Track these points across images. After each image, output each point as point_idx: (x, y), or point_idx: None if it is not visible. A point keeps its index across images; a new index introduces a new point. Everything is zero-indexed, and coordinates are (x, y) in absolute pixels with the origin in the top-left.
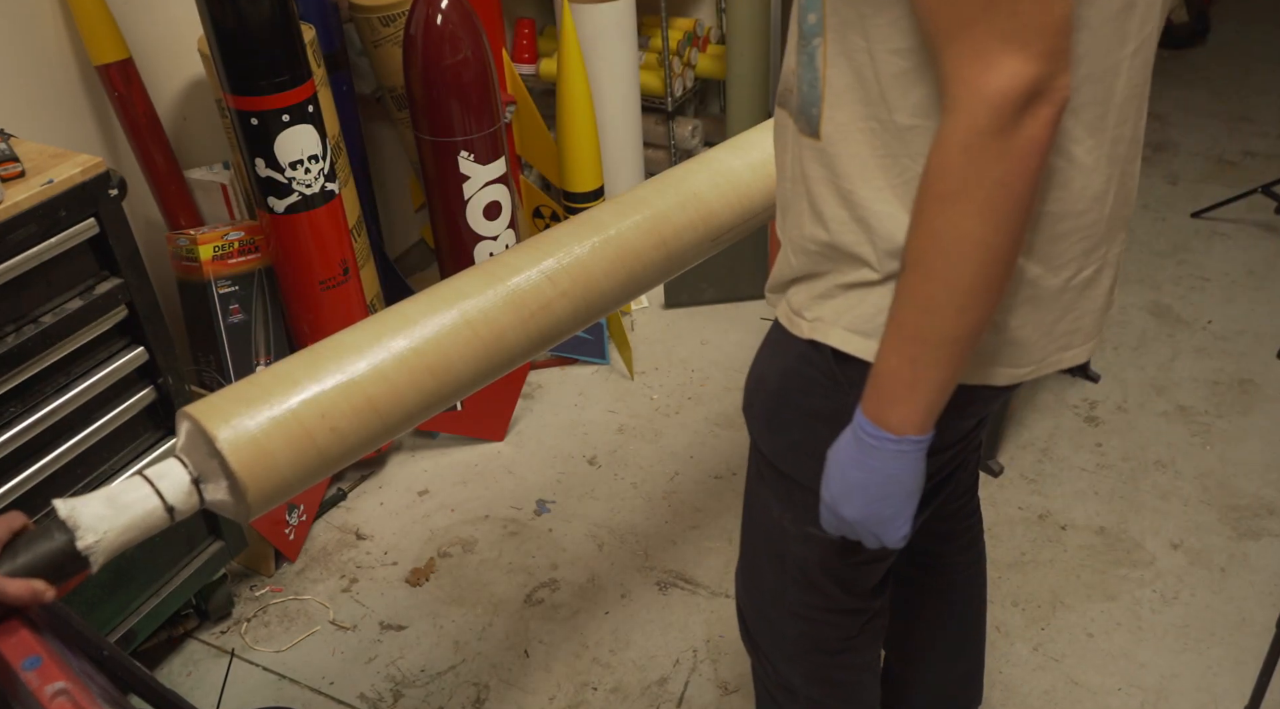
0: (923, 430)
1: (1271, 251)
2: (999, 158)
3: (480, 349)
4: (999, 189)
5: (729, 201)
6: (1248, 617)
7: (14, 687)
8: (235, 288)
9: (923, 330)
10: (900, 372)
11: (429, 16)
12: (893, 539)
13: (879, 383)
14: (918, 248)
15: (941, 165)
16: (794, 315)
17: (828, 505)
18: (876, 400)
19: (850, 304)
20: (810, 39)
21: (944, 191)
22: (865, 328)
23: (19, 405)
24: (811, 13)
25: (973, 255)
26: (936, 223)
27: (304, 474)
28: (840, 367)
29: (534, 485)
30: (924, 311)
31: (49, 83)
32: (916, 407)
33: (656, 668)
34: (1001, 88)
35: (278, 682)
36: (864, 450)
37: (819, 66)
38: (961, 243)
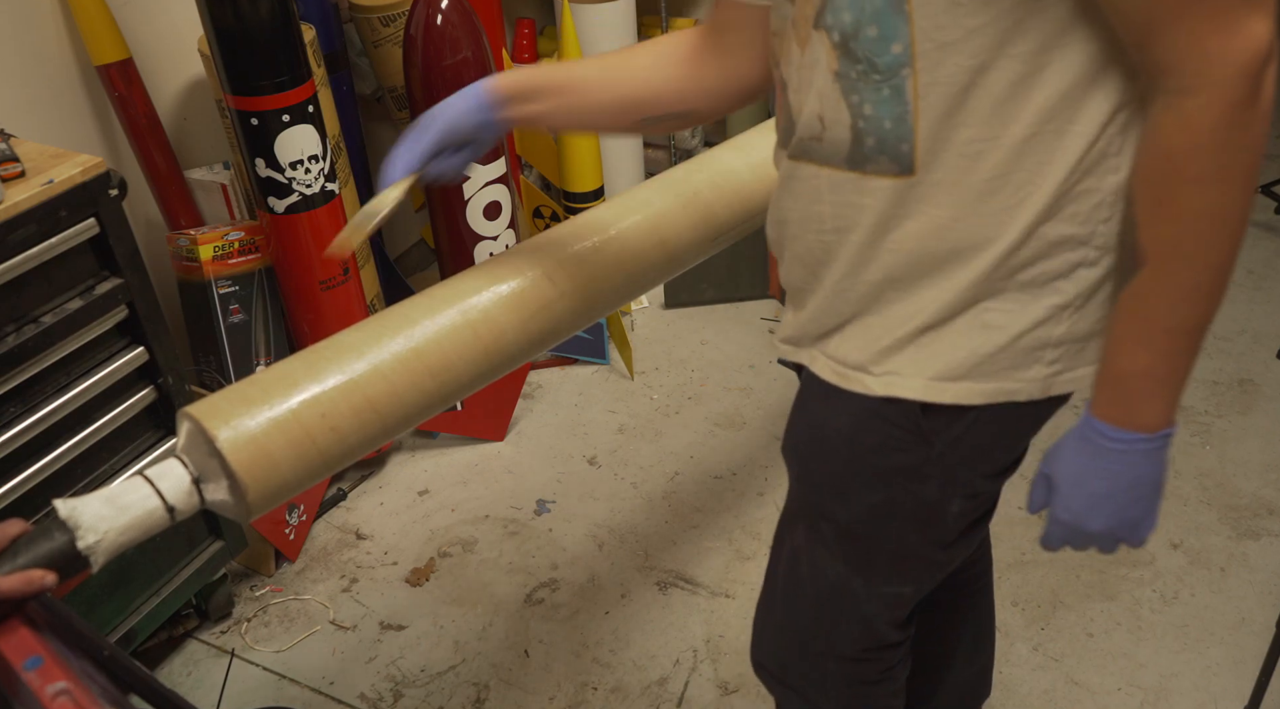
0: (1173, 421)
1: (1271, 251)
2: (1252, 124)
3: (480, 349)
4: (1254, 157)
5: (729, 202)
6: (1247, 616)
7: (15, 687)
8: (235, 288)
9: (1177, 321)
10: (1155, 368)
11: (429, 16)
12: (1141, 539)
13: (1128, 385)
14: (1167, 236)
15: (1192, 144)
16: (851, 370)
17: (1067, 524)
18: (1124, 403)
19: (930, 351)
20: (894, 72)
21: (1199, 172)
22: (957, 371)
23: (19, 405)
24: (895, 42)
25: (1234, 232)
26: (1192, 205)
27: (304, 474)
28: (927, 419)
29: (534, 485)
30: (1180, 301)
31: (49, 83)
32: (1171, 399)
33: (656, 668)
34: (1254, 51)
35: (278, 682)
36: (1108, 457)
37: (909, 99)
38: (1224, 222)
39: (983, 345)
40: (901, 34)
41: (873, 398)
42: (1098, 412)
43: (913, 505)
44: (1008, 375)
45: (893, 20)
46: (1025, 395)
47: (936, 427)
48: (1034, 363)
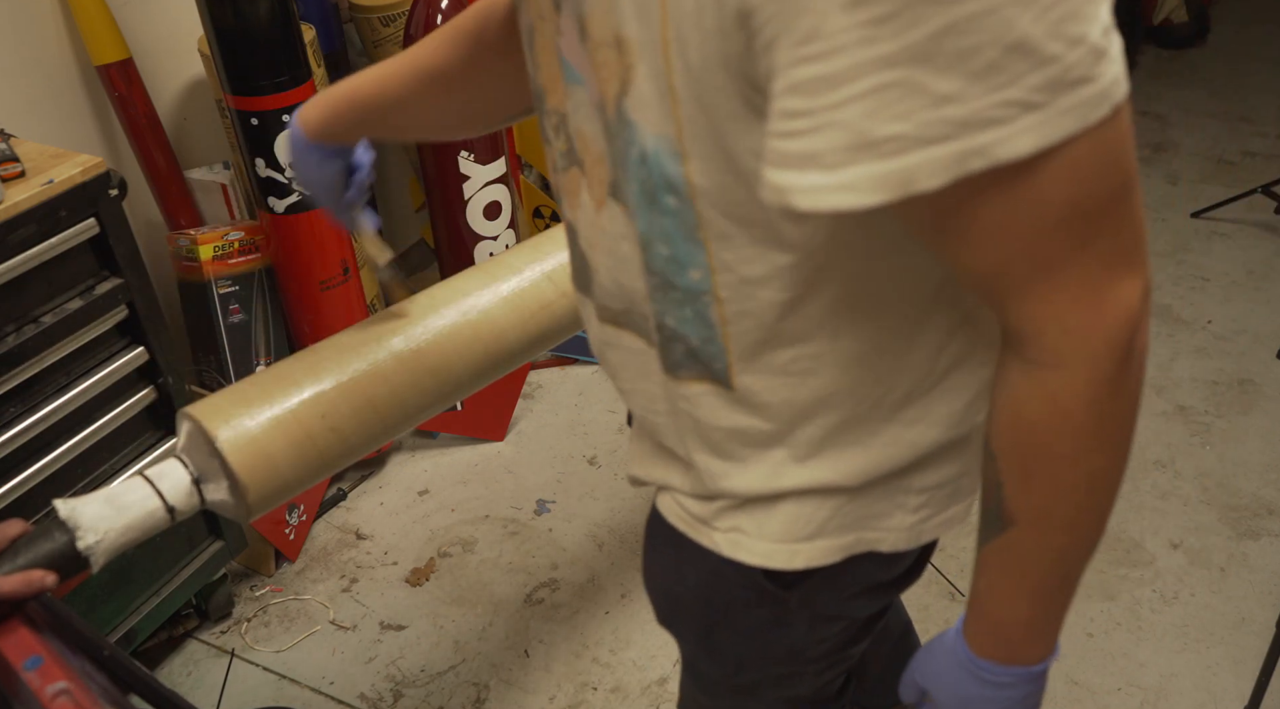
0: (1056, 649)
1: (1271, 251)
2: (1126, 391)
3: (480, 349)
4: (1129, 420)
5: None
6: (1247, 616)
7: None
8: (235, 288)
9: (1059, 576)
10: (1036, 616)
11: (429, 16)
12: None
13: (1008, 633)
14: (1043, 503)
15: (1066, 423)
16: (695, 522)
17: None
18: (1009, 648)
19: (767, 511)
20: (696, 296)
21: (1069, 452)
22: (803, 531)
23: (19, 405)
24: (693, 269)
25: (1110, 491)
26: (1064, 482)
27: (304, 474)
28: (772, 579)
29: (534, 485)
30: (1059, 561)
31: (49, 83)
32: (1053, 635)
33: (656, 668)
34: (1121, 321)
35: (278, 682)
36: (994, 689)
37: (715, 324)
38: (1101, 488)
39: (831, 497)
40: (698, 261)
41: (718, 556)
42: (977, 649)
43: (784, 646)
44: (867, 525)
45: (686, 246)
46: (890, 546)
47: (787, 582)
48: (895, 509)
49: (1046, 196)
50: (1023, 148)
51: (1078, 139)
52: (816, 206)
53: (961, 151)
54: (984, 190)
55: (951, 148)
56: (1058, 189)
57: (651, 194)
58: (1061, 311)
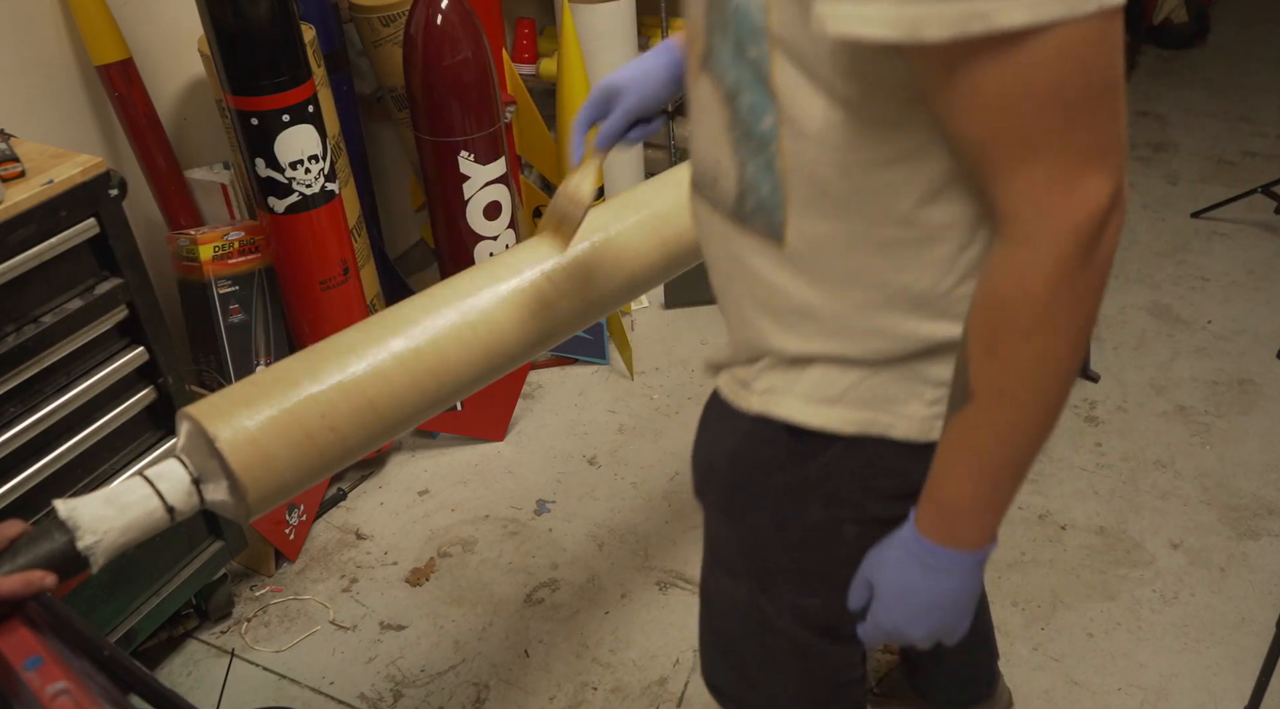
0: (994, 540)
1: (1271, 251)
2: (1088, 282)
3: (480, 350)
4: (1089, 309)
5: None
6: (1247, 616)
7: (15, 687)
8: (235, 288)
9: (1006, 456)
10: (978, 496)
11: (429, 16)
12: (955, 640)
13: (952, 510)
14: (994, 378)
15: (1024, 300)
16: (738, 386)
17: (888, 630)
18: (951, 526)
19: (801, 371)
20: (765, 144)
21: (1030, 326)
22: (826, 394)
23: (19, 405)
24: (765, 116)
25: (1061, 377)
26: (1020, 354)
27: (304, 475)
28: (797, 441)
29: (534, 485)
30: (1006, 440)
31: (49, 83)
32: (994, 523)
33: (656, 668)
34: (1089, 211)
35: (278, 682)
36: (933, 574)
37: (778, 175)
38: (1052, 371)
39: (855, 369)
40: (770, 109)
41: (751, 416)
42: (923, 529)
43: (799, 527)
44: (882, 406)
45: (762, 93)
46: (902, 433)
47: (809, 450)
48: (912, 398)
49: (1034, 75)
50: (1016, 19)
51: (1065, 27)
52: (840, 31)
53: (965, 13)
54: (980, 57)
55: (957, 8)
56: (1044, 70)
57: (740, 45)
58: (1038, 192)
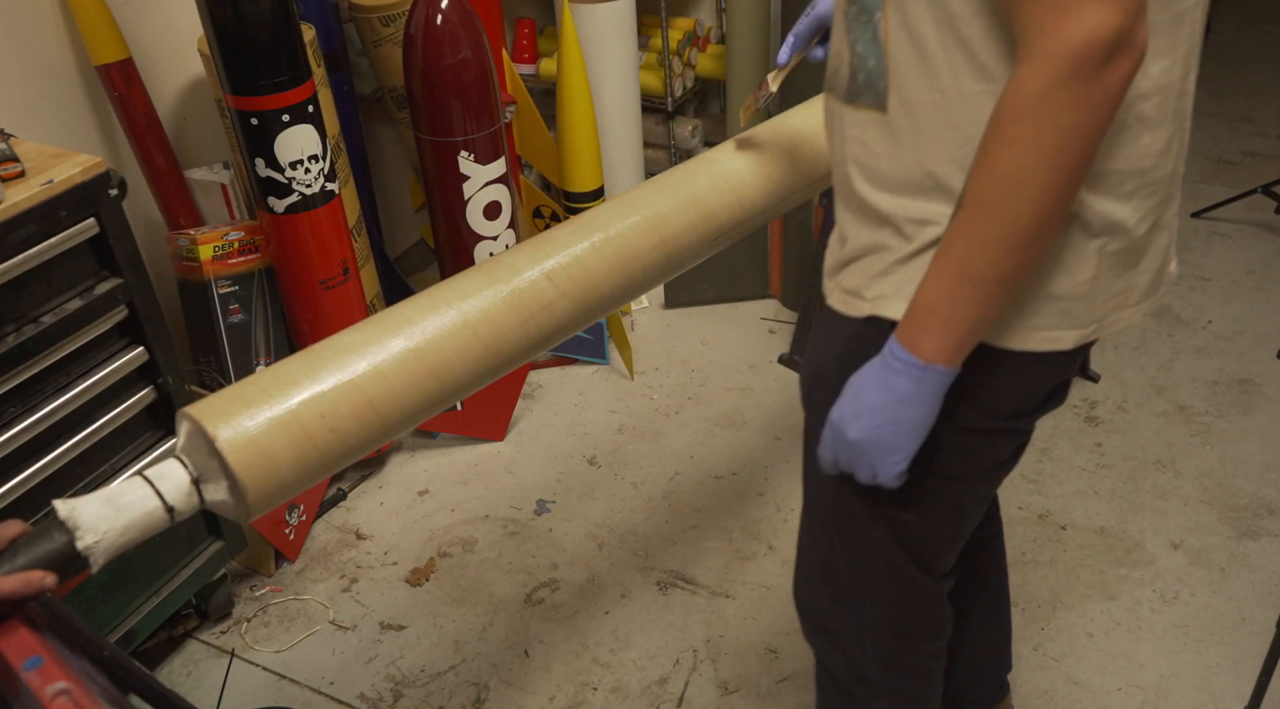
0: (951, 363)
1: (1271, 251)
2: (1075, 107)
3: (480, 350)
4: (1070, 137)
5: (729, 202)
6: (1248, 616)
7: (15, 687)
8: (235, 288)
9: (970, 267)
10: (939, 304)
11: (429, 16)
12: (889, 473)
13: (917, 311)
14: (979, 186)
15: (1014, 108)
16: (850, 297)
17: (834, 425)
18: (911, 327)
19: (911, 276)
20: (872, 12)
21: (1014, 135)
22: None
23: (19, 405)
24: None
25: (1034, 199)
26: (1002, 164)
27: (304, 475)
28: None
29: (534, 485)
30: (975, 249)
31: (49, 83)
32: (948, 339)
33: (656, 668)
34: (1085, 37)
35: (278, 682)
36: (888, 372)
37: (882, 40)
38: (1024, 186)
39: None
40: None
41: (861, 320)
42: (896, 331)
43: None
44: None
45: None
46: (997, 339)
47: None
48: (1015, 313)
49: None
50: None
51: None
52: None
53: None
54: None
55: None
56: None
57: None
58: (1042, 14)
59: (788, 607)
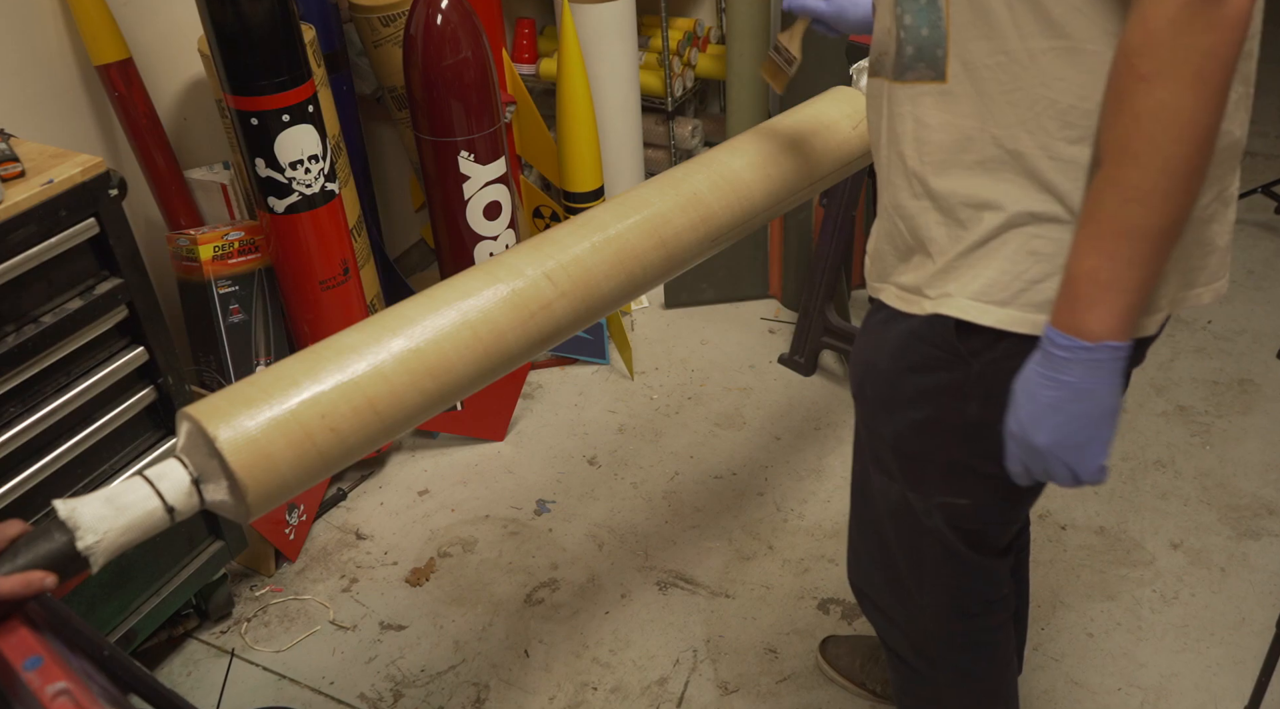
0: (1122, 336)
1: (1271, 251)
2: (1208, 28)
3: (480, 350)
4: (1209, 61)
5: (729, 202)
6: (1247, 616)
7: (15, 687)
8: (235, 288)
9: (1125, 223)
10: (1098, 271)
11: (429, 16)
12: (1089, 470)
13: (1073, 287)
14: (1119, 134)
15: (1145, 42)
16: (909, 294)
17: (1016, 437)
18: (1070, 306)
19: (975, 271)
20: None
21: (1149, 70)
22: (999, 295)
23: (19, 405)
24: None
25: (1183, 134)
26: (1141, 104)
27: (304, 475)
28: (962, 339)
29: (534, 485)
30: (1127, 201)
31: (49, 83)
32: (1114, 308)
33: (656, 668)
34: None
35: (278, 682)
36: (1055, 364)
37: (941, 5)
38: (1170, 122)
39: (1028, 270)
40: None
41: (921, 317)
42: (1052, 317)
43: (956, 422)
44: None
45: None
46: None
47: (975, 347)
48: None
49: None
50: None
51: None
52: None
53: None
54: None
55: None
56: None
57: None
58: None
59: (788, 607)
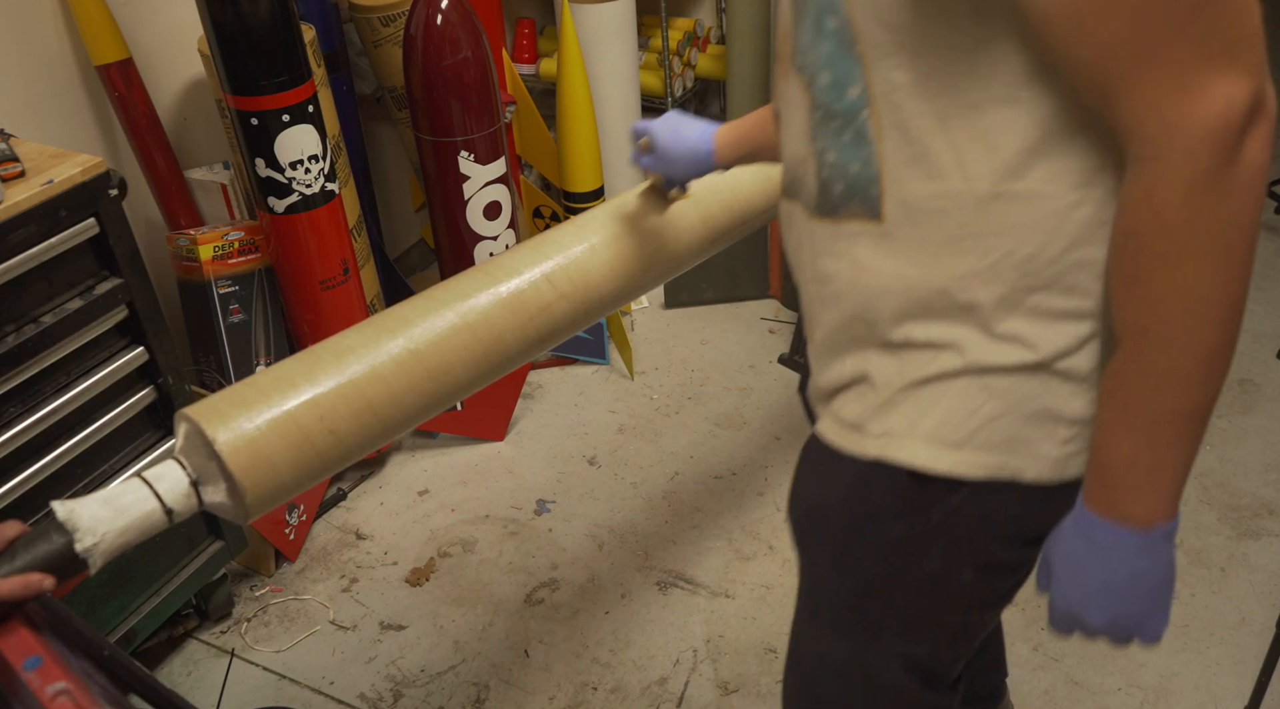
0: (1171, 517)
1: (1271, 252)
2: (1226, 196)
3: (479, 352)
4: (1232, 231)
5: (727, 204)
6: (1247, 616)
7: (15, 687)
8: (235, 288)
9: (1161, 408)
10: (1138, 458)
11: (429, 16)
12: (1153, 636)
13: (1112, 474)
14: (1139, 316)
15: (1158, 221)
16: (849, 431)
17: (1067, 616)
18: (1111, 494)
19: (924, 407)
20: (854, 115)
21: (1167, 250)
22: (953, 436)
23: (19, 405)
24: (851, 87)
25: (1213, 314)
26: (1162, 286)
27: (302, 476)
28: (916, 486)
29: (534, 485)
30: (1161, 387)
31: (49, 83)
32: (1163, 494)
33: (656, 668)
34: (1219, 114)
35: (278, 682)
36: (1100, 552)
37: (872, 140)
38: (1199, 303)
39: (982, 407)
40: (856, 77)
41: (865, 462)
42: (1088, 500)
43: (915, 577)
44: (1013, 448)
45: (846, 64)
46: (1034, 474)
47: (932, 495)
48: (1044, 439)
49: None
50: None
51: None
52: None
53: None
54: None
55: None
56: None
57: (818, 21)
58: (1159, 100)
59: (788, 607)
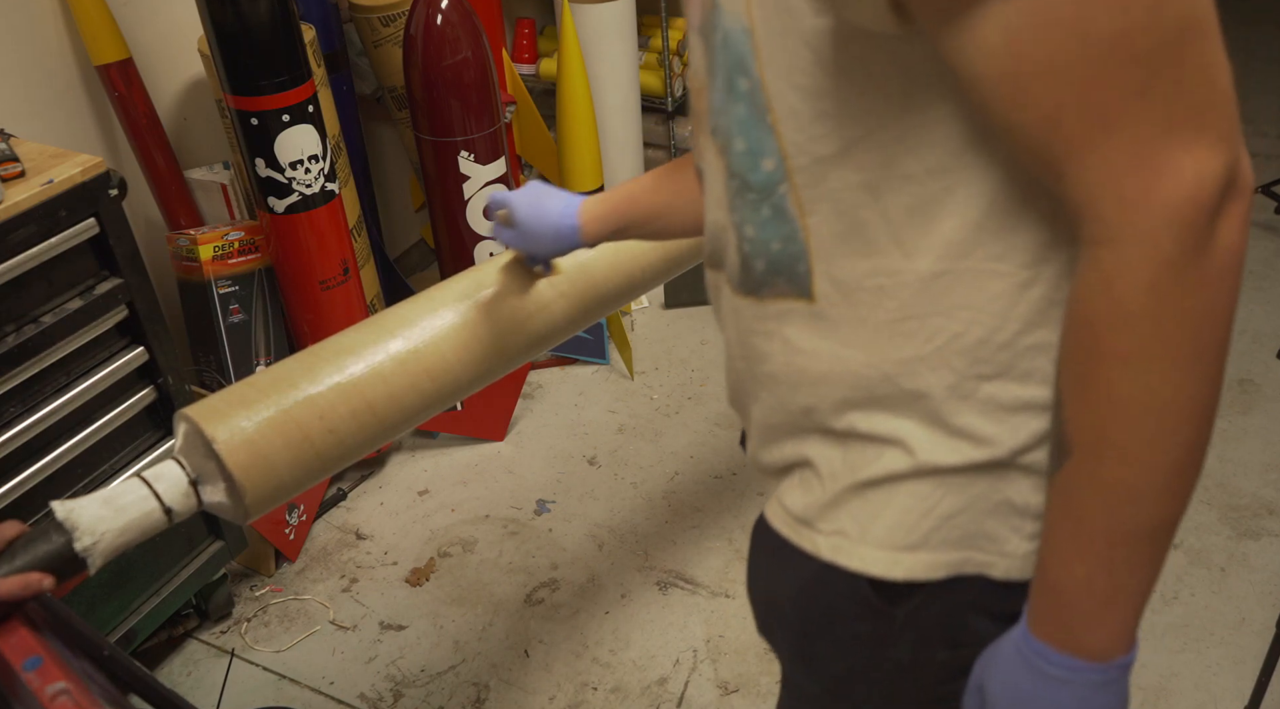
0: (1130, 647)
1: (1271, 251)
2: (1197, 288)
3: (479, 352)
4: (1205, 326)
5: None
6: (1247, 616)
7: (15, 687)
8: (235, 288)
9: (1121, 526)
10: (1094, 582)
11: (429, 16)
12: None
13: (1064, 599)
14: (1093, 424)
15: (1119, 315)
16: (798, 524)
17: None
18: (1063, 621)
19: (874, 509)
20: (771, 190)
21: (1129, 349)
22: (907, 538)
23: (19, 405)
24: (765, 158)
25: (1181, 421)
26: (1123, 390)
27: (302, 476)
28: (877, 590)
29: (534, 485)
30: (1120, 503)
31: (49, 83)
32: (1122, 622)
33: (656, 668)
34: (1187, 193)
35: (278, 682)
36: (1048, 684)
37: (794, 217)
38: (1165, 409)
39: (938, 504)
40: (770, 148)
41: (819, 561)
42: (1034, 627)
43: (885, 669)
44: (975, 544)
45: (758, 133)
46: (1002, 571)
47: (892, 597)
48: (1010, 533)
49: (1092, 23)
50: None
51: None
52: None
53: None
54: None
55: None
56: (1104, 16)
57: (729, 81)
58: (1118, 176)
59: None
